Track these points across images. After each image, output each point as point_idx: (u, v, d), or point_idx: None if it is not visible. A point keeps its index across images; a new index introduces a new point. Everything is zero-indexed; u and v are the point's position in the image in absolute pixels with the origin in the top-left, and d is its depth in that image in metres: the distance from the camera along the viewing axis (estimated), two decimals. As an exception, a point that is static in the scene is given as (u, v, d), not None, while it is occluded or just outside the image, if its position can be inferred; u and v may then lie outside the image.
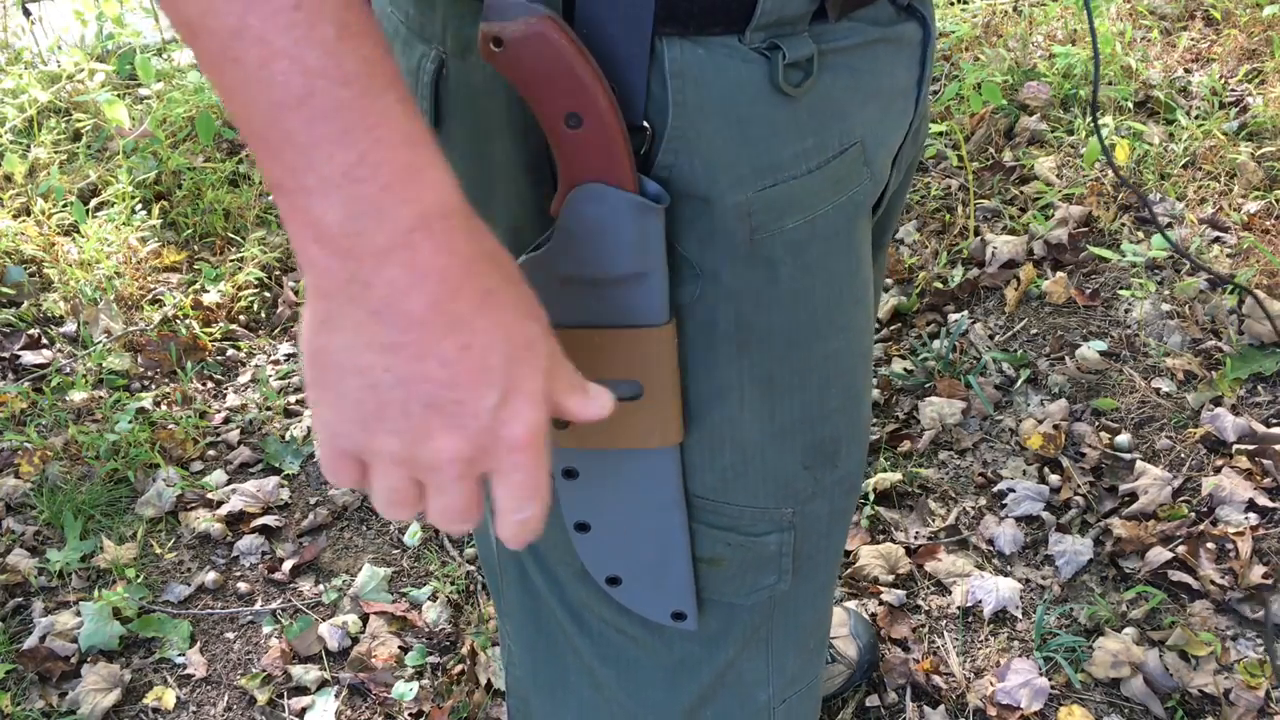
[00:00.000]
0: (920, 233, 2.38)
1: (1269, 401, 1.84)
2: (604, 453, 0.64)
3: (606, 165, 0.54)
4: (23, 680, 1.64)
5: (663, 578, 0.69)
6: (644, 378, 0.61)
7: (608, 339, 0.59)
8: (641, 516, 0.67)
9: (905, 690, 1.51)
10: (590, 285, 0.58)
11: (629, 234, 0.56)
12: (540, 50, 0.51)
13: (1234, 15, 2.83)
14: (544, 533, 0.69)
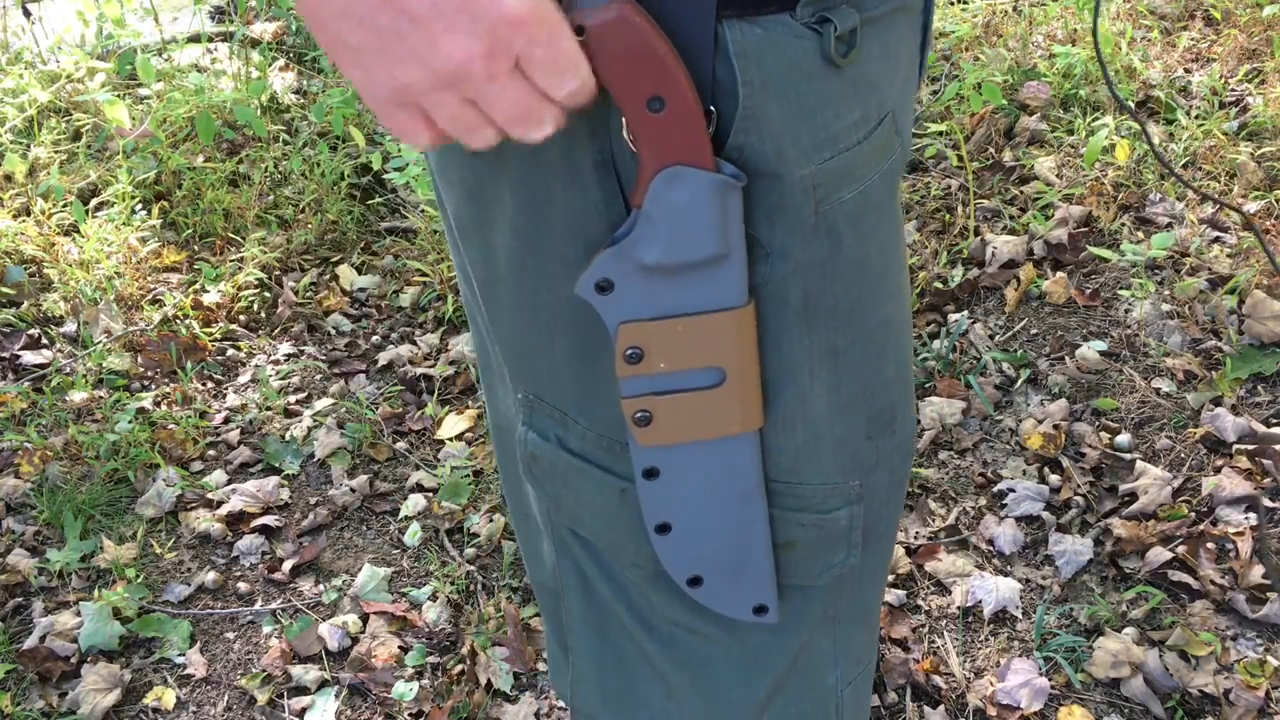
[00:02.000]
0: (920, 233, 2.38)
1: (1269, 401, 1.84)
2: (685, 446, 0.64)
3: (689, 147, 0.55)
4: (23, 680, 1.64)
5: (744, 572, 0.69)
6: (726, 363, 0.61)
7: (691, 326, 0.60)
8: (723, 510, 0.67)
9: (905, 690, 1.51)
10: (673, 272, 0.58)
11: (713, 215, 0.56)
12: (624, 35, 0.52)
13: (1234, 15, 2.83)
14: (612, 539, 0.69)
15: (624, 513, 0.67)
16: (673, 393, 0.62)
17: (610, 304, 0.59)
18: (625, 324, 0.59)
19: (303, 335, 2.38)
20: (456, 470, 1.96)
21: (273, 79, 3.11)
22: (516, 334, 0.67)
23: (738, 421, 0.63)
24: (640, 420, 0.62)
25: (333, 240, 2.64)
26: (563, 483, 0.69)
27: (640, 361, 0.60)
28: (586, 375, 0.64)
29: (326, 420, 2.11)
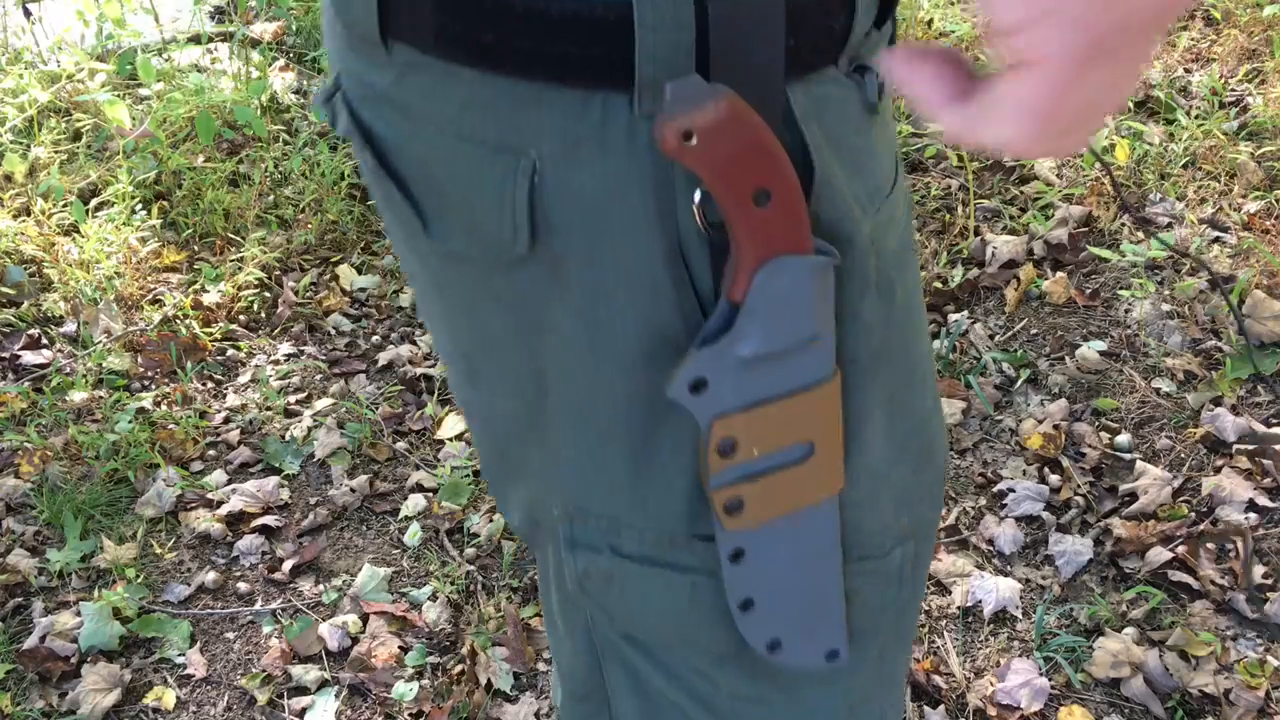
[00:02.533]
0: (920, 233, 2.38)
1: (1269, 401, 1.84)
2: (772, 522, 0.61)
3: (793, 235, 0.52)
4: (23, 680, 1.64)
5: (819, 623, 0.67)
6: (816, 436, 0.59)
7: (784, 408, 0.57)
8: (804, 572, 0.65)
9: (905, 690, 1.51)
10: (769, 359, 0.55)
11: (812, 297, 0.54)
12: (736, 132, 0.48)
13: (1234, 15, 2.83)
14: (679, 634, 0.66)
15: (695, 605, 0.65)
16: (763, 475, 0.59)
17: (704, 402, 0.55)
18: (719, 419, 0.56)
19: (303, 335, 2.38)
20: (456, 470, 1.96)
21: (273, 79, 3.11)
22: (563, 448, 0.62)
23: (825, 489, 0.62)
24: (730, 508, 0.59)
25: (333, 240, 2.64)
26: (620, 592, 0.65)
27: (733, 453, 0.57)
28: (643, 476, 0.61)
29: (326, 420, 2.11)
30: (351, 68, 0.57)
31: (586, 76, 0.49)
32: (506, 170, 0.52)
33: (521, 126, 0.51)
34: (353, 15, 0.54)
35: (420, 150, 0.55)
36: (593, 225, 0.53)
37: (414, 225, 0.58)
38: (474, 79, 0.51)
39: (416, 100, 0.54)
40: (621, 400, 0.58)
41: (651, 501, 0.61)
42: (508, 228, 0.54)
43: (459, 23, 0.50)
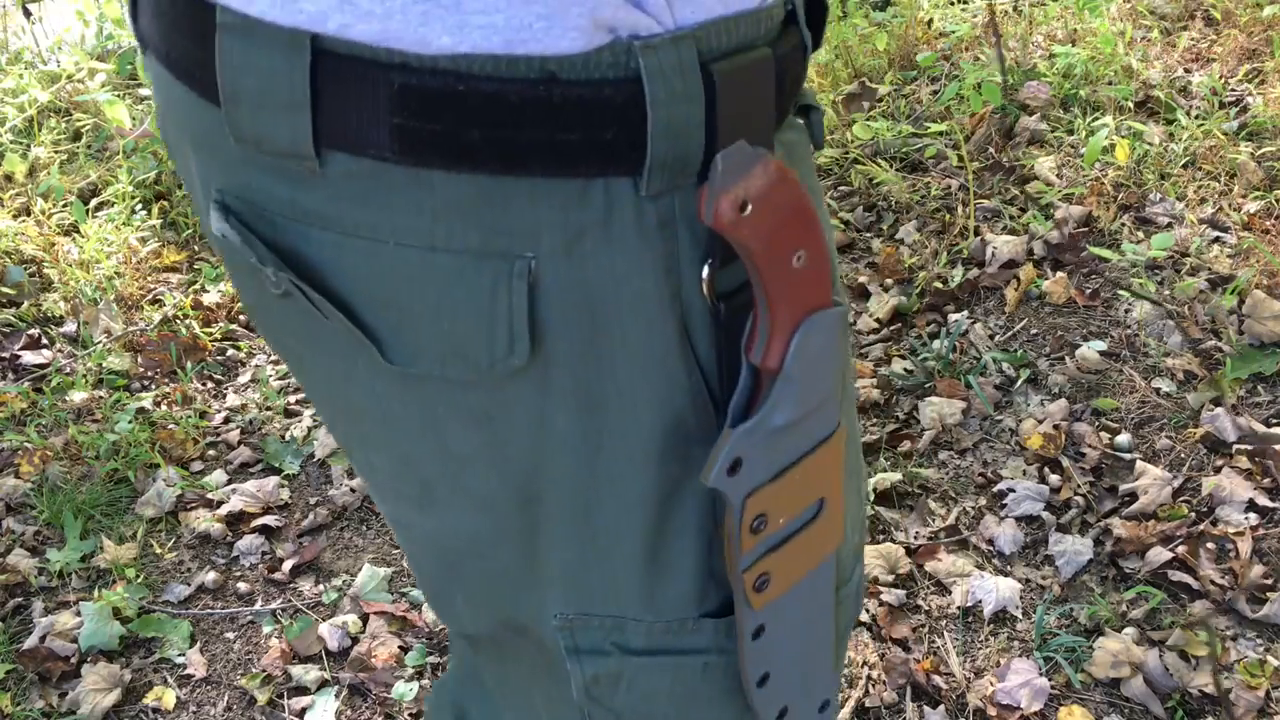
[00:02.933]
0: (920, 233, 2.38)
1: (1269, 401, 1.84)
2: (788, 592, 0.59)
3: (823, 289, 0.50)
4: (23, 680, 1.64)
5: (815, 680, 0.66)
6: (826, 491, 0.57)
7: (803, 470, 0.55)
8: (809, 633, 0.63)
9: (905, 690, 1.51)
10: (798, 423, 0.53)
11: (836, 349, 0.52)
12: (783, 195, 0.46)
13: (1234, 15, 2.83)
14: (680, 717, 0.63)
15: (707, 684, 0.62)
16: (784, 543, 0.57)
17: (739, 482, 0.52)
18: (751, 495, 0.53)
19: (303, 335, 2.38)
20: (456, 470, 1.96)
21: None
22: (560, 556, 0.57)
23: (831, 543, 0.60)
24: (759, 586, 0.56)
25: (333, 240, 2.64)
26: (628, 689, 0.62)
27: (765, 527, 0.54)
28: (650, 570, 0.57)
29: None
30: (253, 184, 0.49)
31: (591, 163, 0.46)
32: (497, 277, 0.47)
33: (513, 227, 0.47)
34: (261, 129, 0.47)
35: (370, 269, 0.49)
36: (600, 320, 0.49)
37: (361, 352, 0.51)
38: (448, 182, 0.46)
39: (364, 215, 0.47)
40: (633, 498, 0.55)
41: (659, 593, 0.58)
42: (501, 340, 0.49)
43: (431, 122, 0.44)
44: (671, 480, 0.55)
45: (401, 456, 0.57)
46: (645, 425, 0.52)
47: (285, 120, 0.46)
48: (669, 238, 0.48)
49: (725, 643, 0.60)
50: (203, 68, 0.47)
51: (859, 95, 2.85)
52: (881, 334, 2.16)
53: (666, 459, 0.54)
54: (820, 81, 2.91)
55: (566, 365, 0.50)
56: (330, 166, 0.47)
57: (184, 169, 0.58)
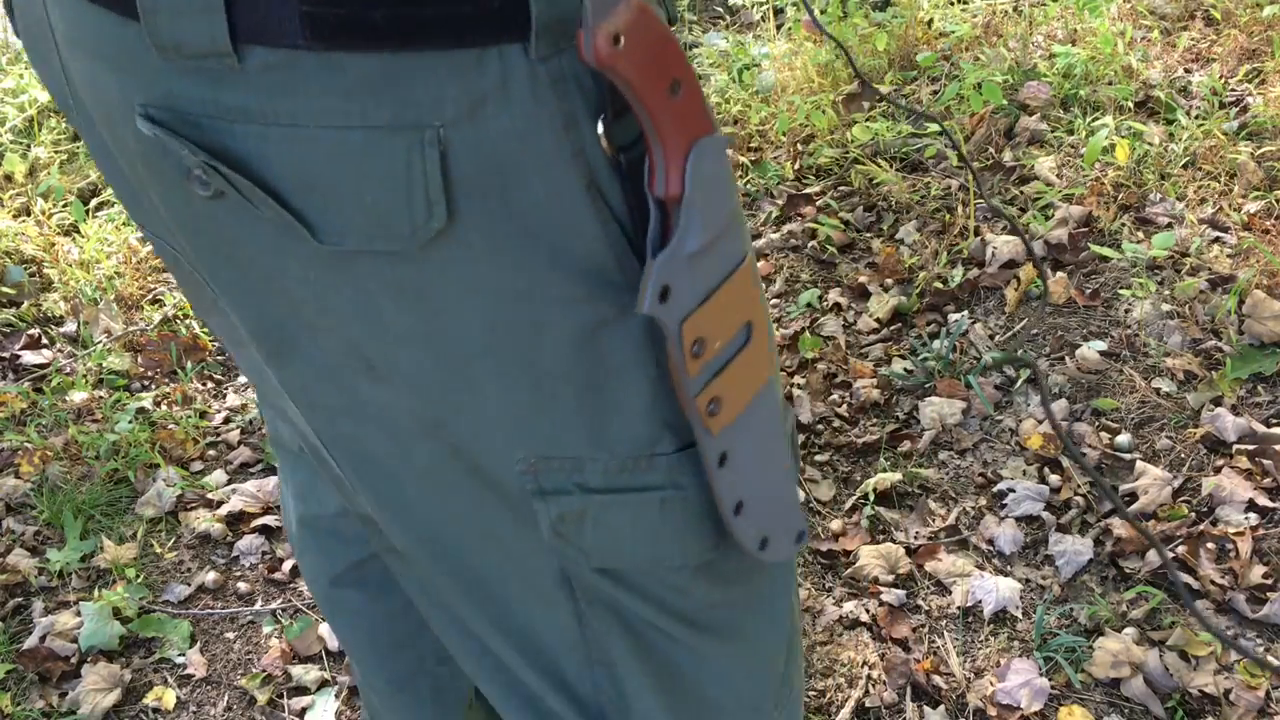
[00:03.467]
0: (920, 233, 2.38)
1: (1269, 401, 1.84)
2: (740, 415, 0.63)
3: (703, 117, 0.54)
4: (23, 680, 1.64)
5: (787, 508, 0.69)
6: (752, 315, 0.61)
7: (726, 294, 0.59)
8: (769, 459, 0.67)
9: (905, 690, 1.51)
10: (709, 246, 0.57)
11: (728, 174, 0.57)
12: (648, 27, 0.50)
13: (1234, 15, 2.83)
14: (654, 553, 0.67)
15: (666, 521, 0.66)
16: (726, 366, 0.61)
17: (671, 309, 0.56)
18: (686, 320, 0.57)
19: (303, 335, 2.38)
20: (456, 470, 1.96)
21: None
22: (504, 407, 0.61)
23: (767, 366, 0.64)
24: (712, 410, 0.61)
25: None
26: (594, 526, 0.66)
27: (704, 351, 0.59)
28: (597, 407, 0.62)
29: (326, 420, 2.11)
30: (175, 91, 0.53)
31: (484, 33, 0.50)
32: (410, 147, 0.51)
33: (420, 99, 0.51)
34: (180, 34, 0.51)
35: (293, 154, 0.52)
36: (510, 179, 0.53)
37: (293, 240, 0.55)
38: (356, 63, 0.50)
39: (283, 103, 0.51)
40: (565, 340, 0.59)
41: (609, 432, 0.63)
42: (420, 207, 0.53)
43: (337, 6, 0.49)
44: (603, 323, 0.59)
45: (346, 339, 0.60)
46: (566, 271, 0.56)
47: (203, 22, 0.49)
48: (563, 95, 0.52)
49: (680, 478, 0.65)
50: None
51: (859, 95, 2.85)
52: (881, 334, 2.16)
53: (594, 303, 0.58)
54: (820, 81, 2.91)
55: (484, 224, 0.54)
56: (248, 61, 0.50)
57: (85, 110, 0.61)
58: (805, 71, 2.93)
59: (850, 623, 1.61)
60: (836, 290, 2.29)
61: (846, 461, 1.90)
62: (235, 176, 0.53)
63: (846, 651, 1.57)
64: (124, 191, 0.69)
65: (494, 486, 0.66)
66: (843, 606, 1.63)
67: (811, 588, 1.68)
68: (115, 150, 0.61)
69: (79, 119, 0.66)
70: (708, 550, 0.68)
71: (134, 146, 0.57)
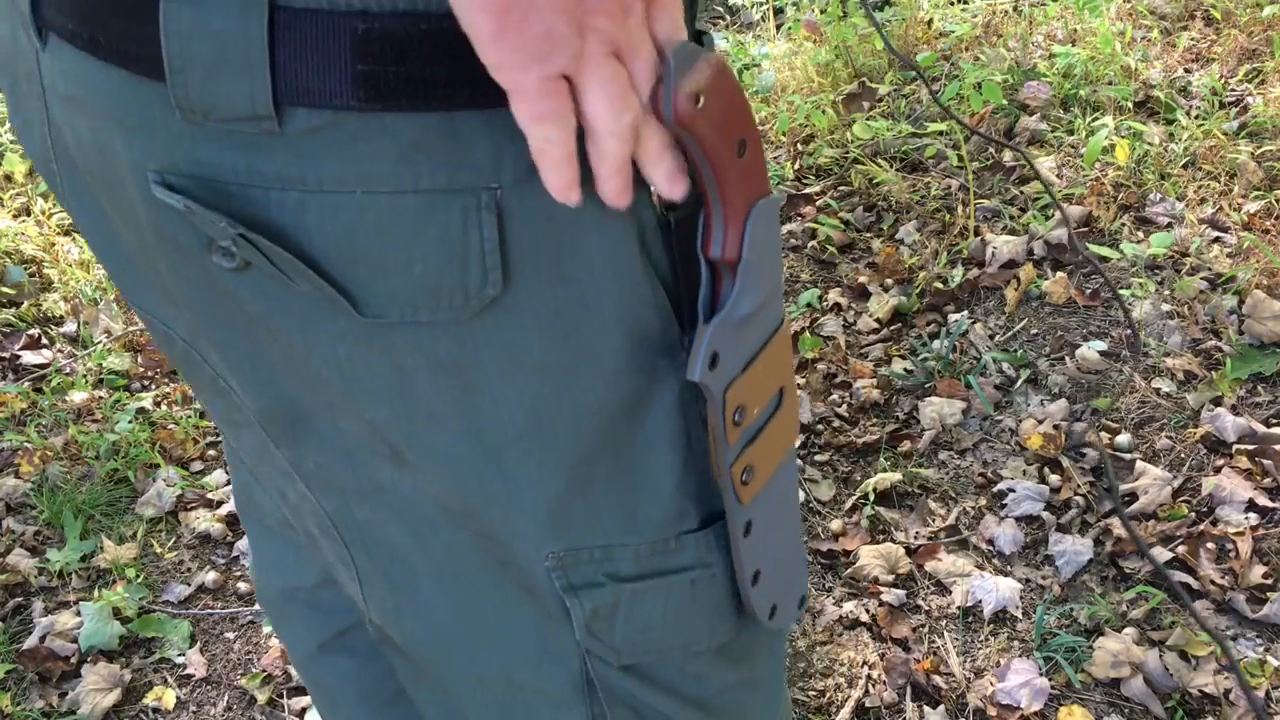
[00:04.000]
0: (920, 233, 2.38)
1: (1269, 401, 1.84)
2: (767, 483, 0.61)
3: (764, 178, 0.53)
4: (23, 680, 1.64)
5: (795, 574, 0.68)
6: (785, 380, 0.60)
7: (767, 358, 0.58)
8: (785, 525, 0.65)
9: (905, 690, 1.51)
10: (758, 311, 0.55)
11: (779, 237, 0.55)
12: (726, 84, 0.48)
13: (1234, 15, 2.83)
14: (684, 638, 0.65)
15: (697, 601, 0.63)
16: (760, 433, 0.60)
17: (719, 375, 0.54)
18: (730, 387, 0.55)
19: (303, 335, 2.38)
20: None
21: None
22: (537, 497, 0.57)
23: (793, 432, 0.62)
24: (745, 479, 0.59)
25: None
26: (626, 618, 0.63)
27: (744, 418, 0.57)
28: (628, 490, 0.58)
29: (326, 420, 2.11)
30: (201, 157, 0.48)
31: None
32: (466, 212, 0.48)
33: (477, 160, 0.47)
34: (213, 96, 0.46)
35: (337, 223, 0.48)
36: (566, 242, 0.50)
37: (324, 316, 0.51)
38: (411, 123, 0.46)
39: (327, 168, 0.47)
40: (606, 418, 0.56)
41: (640, 513, 0.60)
42: (474, 274, 0.50)
43: (396, 64, 0.45)
44: (639, 394, 0.56)
45: (370, 420, 0.56)
46: (616, 343, 0.54)
47: (243, 81, 0.46)
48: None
49: (708, 556, 0.62)
50: (142, 42, 0.47)
51: (859, 95, 2.85)
52: (881, 334, 2.16)
53: (635, 374, 0.55)
54: (820, 81, 2.91)
55: (537, 291, 0.51)
56: (289, 124, 0.46)
57: (96, 165, 0.56)
58: (805, 71, 2.93)
59: (850, 623, 1.61)
60: (836, 290, 2.29)
61: (846, 461, 1.90)
62: (273, 249, 0.48)
63: (846, 651, 1.57)
64: (117, 264, 0.63)
65: (521, 583, 0.62)
66: (843, 606, 1.63)
67: (811, 588, 1.68)
68: (116, 217, 0.56)
69: (65, 183, 0.60)
70: (730, 629, 0.66)
71: (143, 215, 0.52)
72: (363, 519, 0.63)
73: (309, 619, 0.93)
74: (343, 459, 0.60)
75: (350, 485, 0.62)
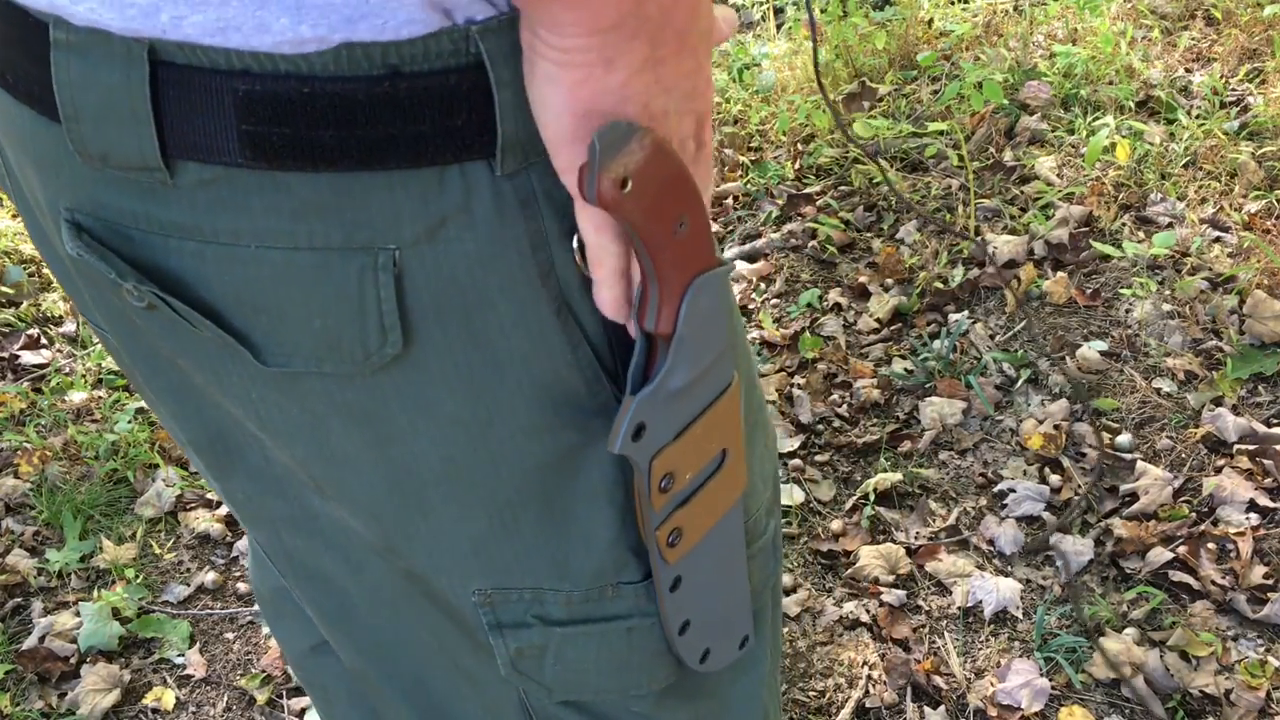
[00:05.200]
0: (920, 233, 2.38)
1: (1269, 401, 1.83)
2: (699, 542, 0.60)
3: (707, 251, 0.51)
4: (22, 680, 1.64)
5: (733, 619, 0.67)
6: (728, 441, 0.59)
7: (704, 425, 0.56)
8: (723, 576, 0.64)
9: (905, 690, 1.50)
10: (694, 382, 0.54)
11: (725, 307, 0.54)
12: (661, 167, 0.46)
13: (1235, 15, 2.83)
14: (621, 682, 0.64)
15: (634, 649, 0.63)
16: (693, 496, 0.58)
17: (644, 446, 0.53)
18: (657, 456, 0.54)
19: (302, 335, 2.38)
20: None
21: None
22: (460, 535, 0.57)
23: (736, 490, 0.61)
24: (672, 541, 0.58)
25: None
26: (556, 660, 0.62)
27: (672, 485, 0.56)
28: (559, 539, 0.58)
29: (326, 420, 2.11)
30: (103, 200, 0.48)
31: (445, 151, 0.46)
32: (363, 271, 0.47)
33: (373, 220, 0.46)
34: (106, 145, 0.46)
35: (234, 274, 0.48)
36: (473, 303, 0.49)
37: (233, 360, 0.51)
38: (303, 182, 0.45)
39: (221, 221, 0.46)
40: (530, 470, 0.55)
41: (573, 562, 0.59)
42: (373, 333, 0.49)
43: (280, 126, 0.44)
44: (571, 450, 0.55)
45: (292, 456, 0.56)
46: (532, 400, 0.53)
47: (130, 134, 0.45)
48: (531, 215, 0.48)
49: (647, 606, 0.62)
50: (42, 86, 0.46)
51: (859, 95, 2.85)
52: (881, 334, 2.16)
53: (560, 431, 0.54)
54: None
55: (443, 350, 0.50)
56: (181, 176, 0.46)
57: (22, 194, 0.56)
58: (805, 71, 2.93)
59: (850, 623, 1.61)
60: (837, 290, 2.29)
61: (847, 461, 1.89)
62: (169, 298, 0.48)
63: (846, 651, 1.56)
64: (64, 283, 0.63)
65: (450, 614, 0.62)
66: (843, 607, 1.63)
67: (811, 588, 1.68)
68: (52, 242, 0.56)
69: (17, 201, 0.60)
70: (673, 672, 0.66)
71: (60, 248, 0.52)
72: (293, 548, 0.63)
73: (302, 619, 0.94)
74: (273, 487, 0.60)
75: (281, 514, 0.61)
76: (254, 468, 0.59)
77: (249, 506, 0.63)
